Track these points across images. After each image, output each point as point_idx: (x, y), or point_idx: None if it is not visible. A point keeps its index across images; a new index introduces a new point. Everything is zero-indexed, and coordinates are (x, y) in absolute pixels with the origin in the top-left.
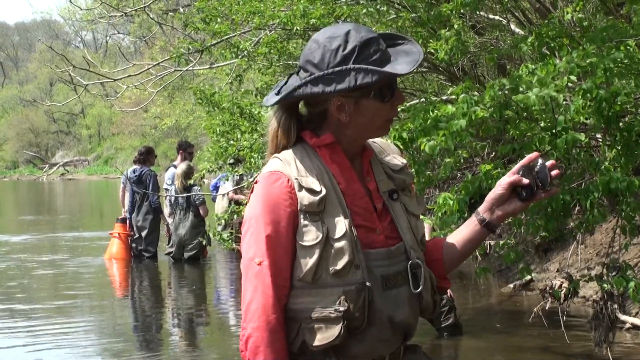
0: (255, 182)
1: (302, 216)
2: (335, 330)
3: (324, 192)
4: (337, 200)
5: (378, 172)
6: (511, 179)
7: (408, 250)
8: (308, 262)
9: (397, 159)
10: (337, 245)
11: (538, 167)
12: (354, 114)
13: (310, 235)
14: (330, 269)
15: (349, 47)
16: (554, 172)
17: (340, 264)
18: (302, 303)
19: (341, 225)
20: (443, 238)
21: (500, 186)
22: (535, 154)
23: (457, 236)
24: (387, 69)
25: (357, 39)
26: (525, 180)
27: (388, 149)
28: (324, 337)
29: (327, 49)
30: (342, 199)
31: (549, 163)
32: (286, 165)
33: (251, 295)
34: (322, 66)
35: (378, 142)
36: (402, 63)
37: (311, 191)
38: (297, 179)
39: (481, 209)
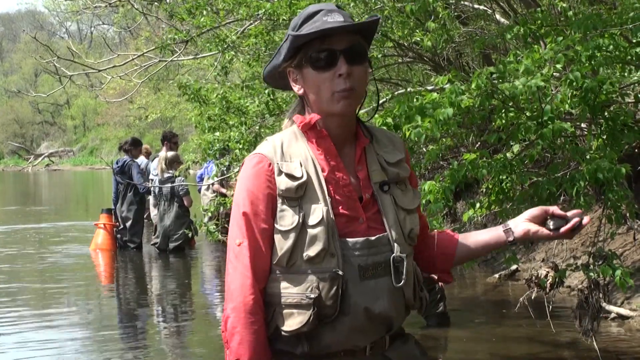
0: (243, 163)
1: (280, 201)
2: (305, 317)
3: (304, 178)
4: (318, 187)
5: (372, 162)
6: (550, 207)
7: (392, 243)
8: (283, 247)
9: (395, 152)
10: (312, 231)
11: (577, 213)
12: (305, 85)
13: (287, 220)
14: (304, 255)
15: (300, 17)
16: (585, 221)
17: (314, 251)
18: (277, 287)
19: (318, 212)
20: (457, 233)
21: (537, 208)
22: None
23: (477, 236)
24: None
25: (308, 11)
26: (561, 212)
27: (390, 142)
28: (294, 322)
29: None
30: (324, 186)
31: (586, 219)
32: (270, 148)
33: (231, 276)
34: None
35: (380, 134)
36: (314, 31)
37: (291, 177)
38: (278, 163)
39: (512, 220)
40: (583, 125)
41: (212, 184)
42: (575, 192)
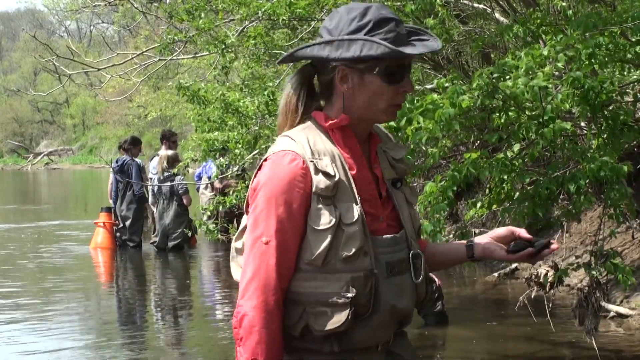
0: (265, 160)
1: (315, 199)
2: (342, 317)
3: (337, 176)
4: (348, 186)
5: (382, 160)
6: (517, 229)
7: (409, 239)
8: (319, 246)
9: (397, 149)
10: (349, 230)
11: (542, 241)
12: (357, 88)
13: (324, 219)
14: (341, 254)
15: (365, 19)
16: (554, 246)
17: (351, 250)
18: (308, 287)
19: (353, 210)
20: (426, 241)
21: (505, 228)
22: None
23: (442, 248)
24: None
25: (375, 14)
26: (526, 236)
27: (388, 138)
28: (329, 322)
29: (344, 17)
30: (352, 184)
31: (553, 246)
32: (299, 145)
33: (253, 273)
34: (334, 33)
35: (380, 131)
36: (415, 48)
37: (327, 175)
38: (312, 161)
39: (478, 237)
40: (583, 124)
41: (212, 183)
42: (576, 191)
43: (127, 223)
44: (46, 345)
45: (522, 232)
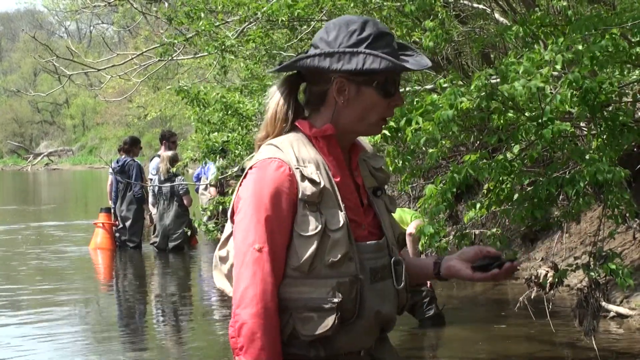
0: (251, 168)
1: (301, 205)
2: (329, 321)
3: (323, 183)
4: (332, 193)
5: (363, 169)
6: (485, 248)
7: (390, 246)
8: (305, 252)
9: (376, 158)
10: (335, 236)
11: (504, 258)
12: (352, 100)
13: (310, 225)
14: (327, 259)
15: (365, 33)
16: (514, 264)
17: (337, 256)
18: (294, 292)
19: (338, 217)
20: (401, 254)
21: (473, 247)
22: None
23: (414, 261)
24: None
25: (373, 29)
26: (494, 253)
27: (369, 148)
28: (316, 327)
29: (343, 30)
30: (336, 191)
31: (515, 263)
32: (285, 153)
33: (248, 281)
34: (333, 45)
35: (361, 140)
36: (410, 63)
37: (312, 182)
38: (298, 168)
39: (448, 256)
40: (582, 124)
41: (210, 185)
42: (575, 193)
43: (127, 224)
44: (46, 346)
45: (490, 250)
